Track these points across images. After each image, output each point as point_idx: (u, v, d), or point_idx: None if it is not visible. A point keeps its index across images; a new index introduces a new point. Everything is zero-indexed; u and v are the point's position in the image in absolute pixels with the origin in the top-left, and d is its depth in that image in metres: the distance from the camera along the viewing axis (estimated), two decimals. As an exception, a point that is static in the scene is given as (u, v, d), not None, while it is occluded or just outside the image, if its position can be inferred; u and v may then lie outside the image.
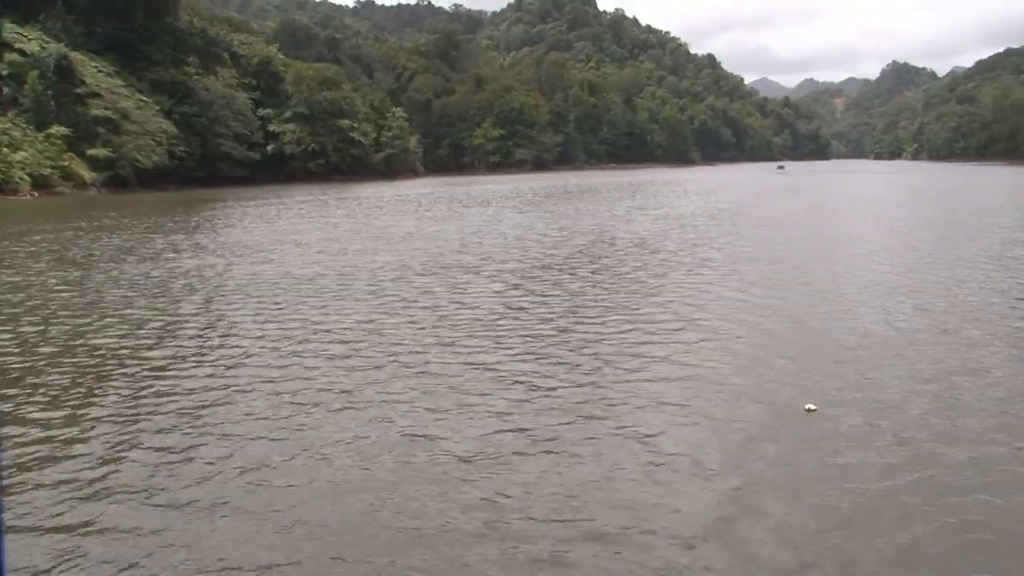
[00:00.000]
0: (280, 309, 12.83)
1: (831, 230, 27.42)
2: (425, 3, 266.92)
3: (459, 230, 26.89)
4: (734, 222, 29.83)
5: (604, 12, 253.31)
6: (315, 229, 27.96)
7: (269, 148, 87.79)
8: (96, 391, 8.35)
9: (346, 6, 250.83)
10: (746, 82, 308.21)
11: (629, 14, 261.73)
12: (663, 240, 23.24)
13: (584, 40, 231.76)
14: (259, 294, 14.36)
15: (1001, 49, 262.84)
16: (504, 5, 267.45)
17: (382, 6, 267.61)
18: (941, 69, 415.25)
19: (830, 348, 10.09)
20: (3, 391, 8.40)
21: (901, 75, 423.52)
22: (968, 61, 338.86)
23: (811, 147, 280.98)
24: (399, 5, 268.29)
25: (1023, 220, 28.48)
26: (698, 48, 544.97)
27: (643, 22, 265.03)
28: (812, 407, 7.64)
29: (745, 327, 11.24)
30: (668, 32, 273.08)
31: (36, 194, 55.69)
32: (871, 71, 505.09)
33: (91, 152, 62.22)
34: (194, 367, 9.28)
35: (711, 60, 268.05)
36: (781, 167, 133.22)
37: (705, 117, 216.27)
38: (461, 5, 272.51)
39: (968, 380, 8.55)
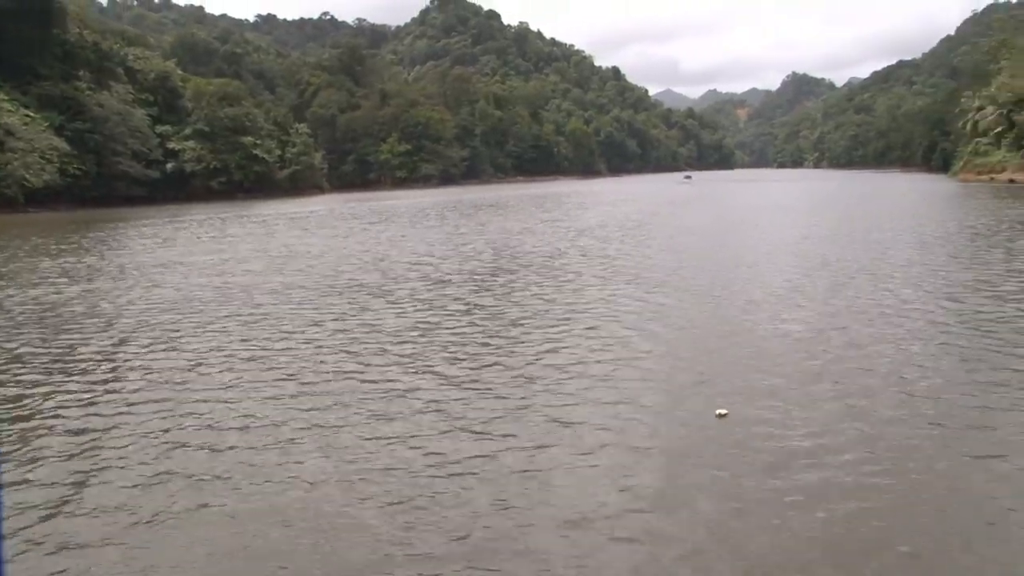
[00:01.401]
0: (174, 336, 12.50)
1: (737, 238, 27.79)
2: (328, 17, 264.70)
3: (362, 248, 26.73)
4: (641, 232, 30.15)
5: (509, 26, 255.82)
6: (211, 250, 27.54)
7: (169, 166, 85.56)
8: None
9: (246, 20, 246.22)
10: (651, 94, 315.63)
11: (534, 28, 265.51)
12: (571, 252, 23.41)
13: (489, 54, 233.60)
14: (149, 320, 14.02)
15: (894, 61, 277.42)
16: (408, 19, 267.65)
17: (283, 20, 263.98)
18: (839, 80, 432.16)
19: (739, 354, 10.36)
20: None
21: (801, 86, 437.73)
22: (864, 72, 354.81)
23: (716, 157, 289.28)
24: (301, 19, 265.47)
25: (917, 226, 29.68)
26: (605, 61, 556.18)
27: (548, 35, 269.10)
28: (723, 412, 7.91)
29: (655, 336, 11.50)
30: (573, 45, 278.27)
31: (-86, 218, 53.05)
32: (773, 82, 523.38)
33: (-28, 171, 59.40)
34: (73, 405, 8.94)
35: (616, 72, 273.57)
36: (688, 177, 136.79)
37: (611, 129, 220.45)
38: (364, 19, 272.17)
39: (871, 379, 9.00)
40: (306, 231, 36.12)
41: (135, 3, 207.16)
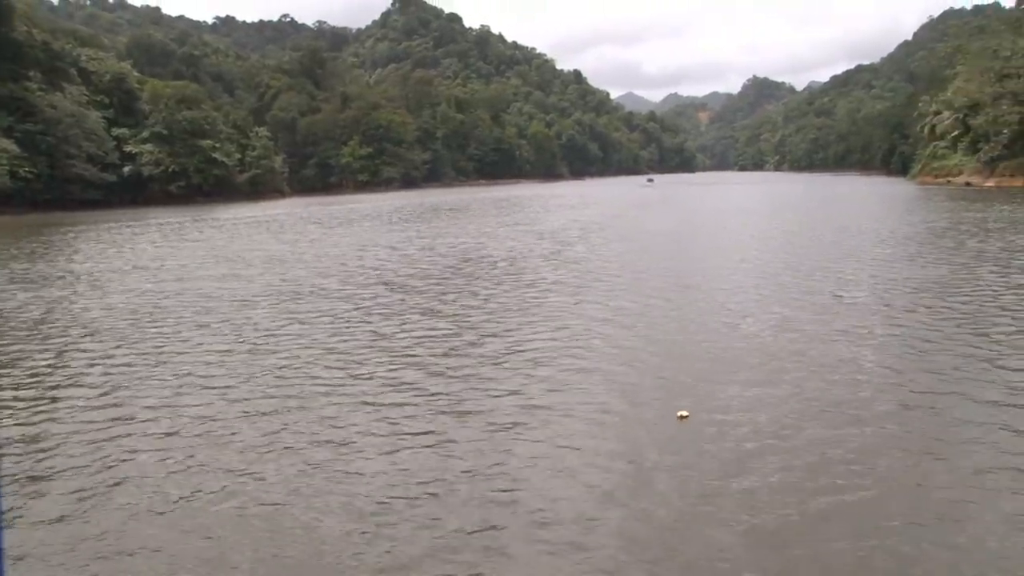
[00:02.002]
0: (126, 343, 12.36)
1: (701, 242, 28.08)
2: (288, 20, 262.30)
3: (323, 252, 26.55)
4: (604, 236, 30.34)
5: (470, 29, 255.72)
6: (168, 255, 27.19)
7: (126, 170, 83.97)
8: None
9: (204, 22, 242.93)
10: (612, 97, 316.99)
11: (496, 31, 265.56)
12: (533, 256, 23.50)
13: (451, 57, 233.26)
14: (103, 327, 13.82)
15: (853, 66, 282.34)
16: (369, 22, 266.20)
17: (242, 23, 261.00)
18: (799, 84, 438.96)
19: (702, 356, 10.52)
20: None
21: (762, 89, 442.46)
22: (824, 76, 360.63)
23: (677, 160, 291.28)
24: (260, 22, 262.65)
25: (878, 228, 30.26)
26: (567, 64, 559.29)
27: (509, 39, 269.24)
28: (684, 414, 8.02)
29: (618, 339, 11.62)
30: (534, 48, 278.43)
31: None
32: (734, 86, 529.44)
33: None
34: (24, 410, 8.86)
35: (577, 75, 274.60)
36: (650, 180, 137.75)
37: (572, 132, 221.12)
38: (325, 22, 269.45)
39: (831, 380, 9.20)
40: (266, 236, 35.79)
41: (88, 2, 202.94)
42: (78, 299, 17.42)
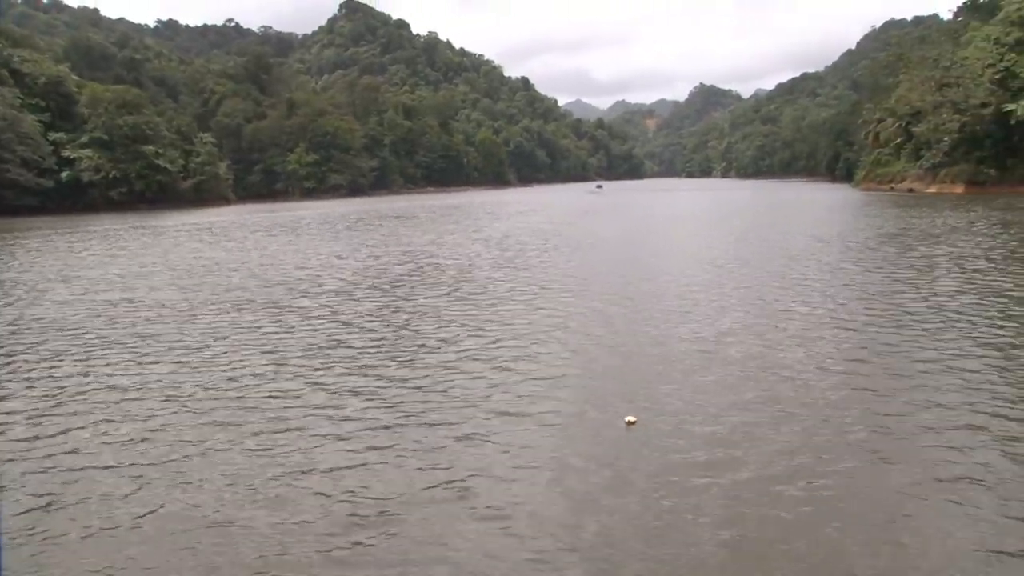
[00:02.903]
0: (57, 356, 12.11)
1: (650, 248, 28.29)
2: (232, 24, 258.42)
3: (266, 261, 26.24)
4: (553, 243, 30.44)
5: (418, 35, 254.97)
6: (104, 263, 26.62)
7: (63, 175, 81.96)
8: None
9: (146, 26, 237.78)
10: (561, 104, 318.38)
11: (443, 37, 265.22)
12: (481, 264, 23.51)
13: (398, 63, 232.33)
14: (31, 340, 13.52)
15: (798, 74, 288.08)
16: (315, 28, 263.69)
17: (186, 27, 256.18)
18: (746, 91, 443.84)
19: (650, 362, 10.67)
20: None
21: (708, 97, 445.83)
22: (770, 84, 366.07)
23: (625, 167, 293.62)
24: (204, 26, 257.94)
25: (825, 233, 31.03)
26: (516, 71, 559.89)
27: (457, 45, 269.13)
28: (632, 419, 8.13)
29: (566, 346, 11.75)
30: (482, 55, 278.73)
31: None
32: (681, 93, 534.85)
33: None
34: None
35: (525, 82, 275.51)
36: (599, 187, 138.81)
37: (520, 139, 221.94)
38: (271, 27, 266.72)
39: (778, 386, 9.38)
40: (208, 244, 35.24)
41: (19, 1, 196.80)
42: (6, 310, 16.98)
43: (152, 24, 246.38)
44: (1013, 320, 13.08)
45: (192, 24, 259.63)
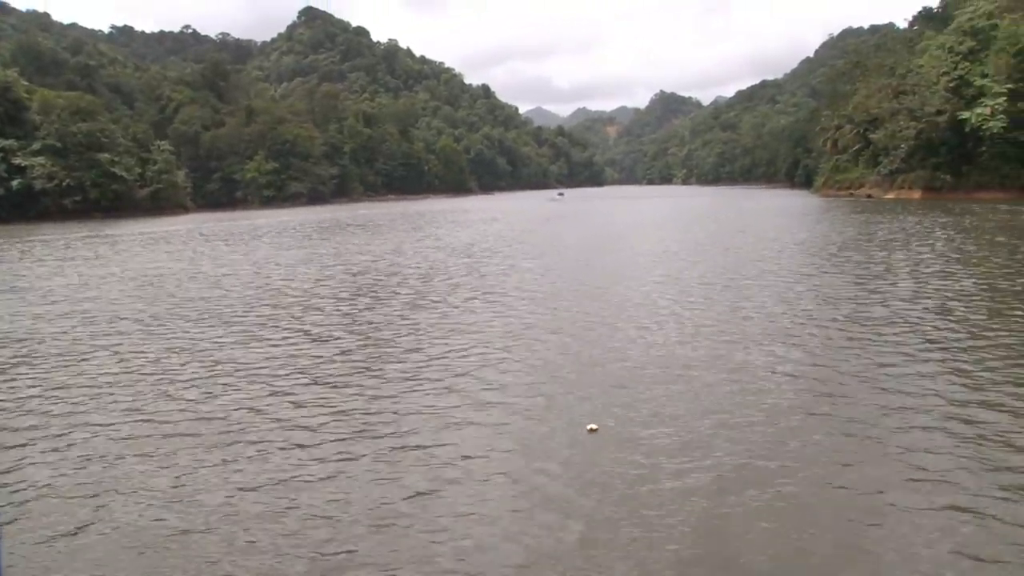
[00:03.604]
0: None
1: (611, 257, 28.08)
2: (189, 31, 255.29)
3: (224, 270, 26.06)
4: (514, 251, 30.35)
5: (378, 43, 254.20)
6: (55, 273, 26.19)
7: (15, 183, 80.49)
8: None
9: (100, 31, 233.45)
10: (521, 111, 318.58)
11: (403, 45, 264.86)
12: (444, 271, 23.47)
13: (358, 71, 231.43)
14: None
15: (758, 81, 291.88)
16: (274, 35, 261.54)
17: (141, 33, 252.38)
18: (706, 99, 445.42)
19: (613, 369, 10.67)
20: None
21: (669, 104, 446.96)
22: (730, 91, 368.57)
23: (586, 174, 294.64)
24: (160, 32, 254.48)
25: (786, 240, 31.12)
26: (477, 78, 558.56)
27: (418, 53, 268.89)
28: (593, 427, 8.15)
29: (529, 355, 11.69)
30: (442, 63, 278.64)
31: None
32: (642, 100, 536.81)
33: None
34: None
35: (486, 90, 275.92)
36: (561, 194, 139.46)
37: (481, 147, 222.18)
38: (228, 34, 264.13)
39: (735, 391, 9.43)
40: (163, 253, 34.80)
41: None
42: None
43: (106, 30, 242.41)
44: (968, 322, 13.44)
45: (148, 30, 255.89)
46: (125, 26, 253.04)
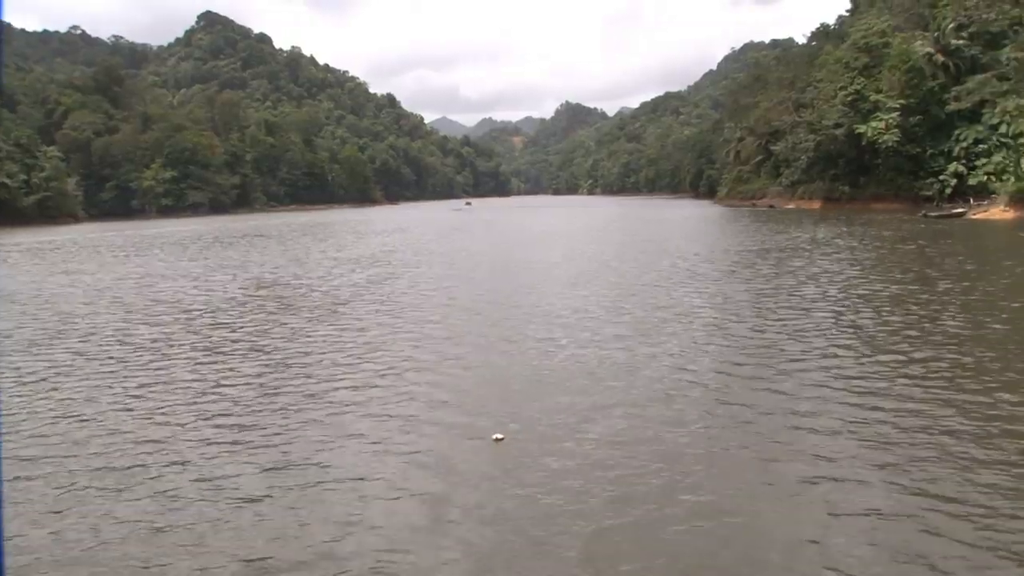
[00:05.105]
0: None
1: (519, 266, 28.35)
2: (78, 32, 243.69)
3: (112, 284, 25.21)
4: (420, 261, 30.29)
5: (281, 50, 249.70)
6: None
7: None
8: None
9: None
10: (427, 121, 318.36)
11: (307, 52, 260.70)
12: (346, 284, 23.20)
13: (260, 79, 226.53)
14: None
15: (662, 92, 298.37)
16: (172, 39, 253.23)
17: (22, 31, 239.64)
18: (611, 109, 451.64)
19: (520, 379, 10.76)
20: None
21: (575, 114, 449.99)
22: (634, 103, 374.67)
23: (492, 184, 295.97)
24: (45, 32, 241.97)
25: (692, 250, 31.84)
26: (383, 87, 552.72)
27: (321, 61, 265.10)
28: (499, 436, 8.24)
29: (435, 365, 11.70)
30: (347, 71, 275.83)
31: None
32: (548, 111, 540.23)
33: None
34: None
35: (391, 99, 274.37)
36: (468, 203, 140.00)
37: (386, 156, 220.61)
38: (122, 37, 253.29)
39: (642, 399, 9.49)
40: (45, 266, 33.24)
41: None
42: None
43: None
44: (872, 322, 14.21)
45: (31, 29, 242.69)
46: (5, 23, 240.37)
